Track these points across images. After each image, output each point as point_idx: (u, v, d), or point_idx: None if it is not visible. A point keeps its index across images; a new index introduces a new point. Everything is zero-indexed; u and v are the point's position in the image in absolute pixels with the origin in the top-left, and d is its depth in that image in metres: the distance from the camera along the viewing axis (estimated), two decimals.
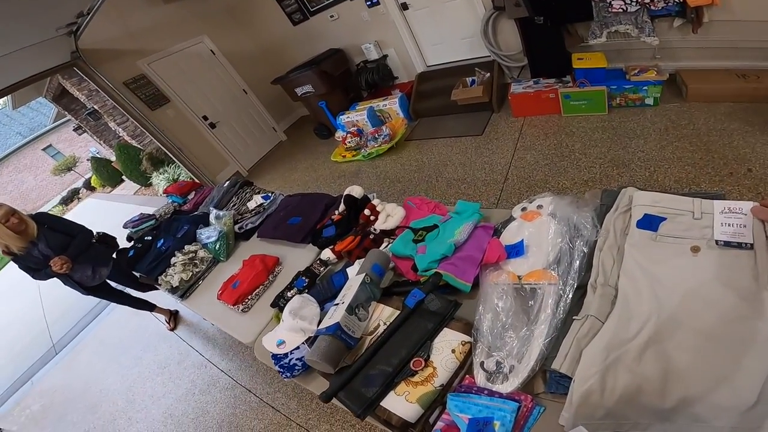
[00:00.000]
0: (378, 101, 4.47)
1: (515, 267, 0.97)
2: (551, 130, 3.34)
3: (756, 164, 2.33)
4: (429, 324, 0.92)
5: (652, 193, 0.86)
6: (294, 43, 5.38)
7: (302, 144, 5.29)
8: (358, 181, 3.67)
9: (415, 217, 1.38)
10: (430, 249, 1.14)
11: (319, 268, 1.39)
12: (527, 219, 1.07)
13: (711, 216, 0.79)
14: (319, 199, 1.82)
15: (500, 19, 3.90)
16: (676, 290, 0.75)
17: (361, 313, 1.00)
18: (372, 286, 1.07)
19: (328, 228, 1.54)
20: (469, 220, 1.16)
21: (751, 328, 0.68)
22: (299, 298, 1.17)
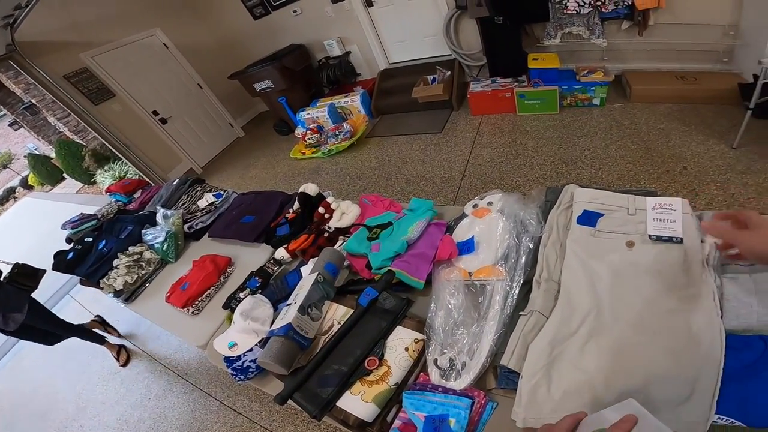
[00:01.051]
0: (339, 98, 4.43)
1: (466, 263, 0.99)
2: (507, 129, 3.44)
3: (691, 162, 2.52)
4: (383, 322, 0.92)
5: (591, 190, 0.89)
6: (254, 37, 5.24)
7: (261, 140, 5.14)
8: (317, 178, 3.62)
9: (370, 214, 1.37)
10: (383, 247, 1.13)
11: (273, 267, 1.36)
12: (478, 216, 1.08)
13: (644, 212, 0.84)
14: (273, 197, 1.77)
15: (462, 18, 3.98)
16: (614, 284, 0.78)
17: (314, 313, 0.99)
18: (325, 285, 1.06)
19: (282, 227, 1.51)
20: (422, 218, 1.16)
21: (683, 321, 0.71)
22: (251, 299, 1.14)
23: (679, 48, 3.32)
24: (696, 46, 3.25)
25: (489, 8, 3.40)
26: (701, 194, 2.27)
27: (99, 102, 4.31)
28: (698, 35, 3.18)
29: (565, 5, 3.12)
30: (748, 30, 2.99)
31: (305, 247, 1.34)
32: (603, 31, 3.28)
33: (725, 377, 0.66)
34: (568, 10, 3.13)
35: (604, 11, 3.13)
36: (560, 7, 3.17)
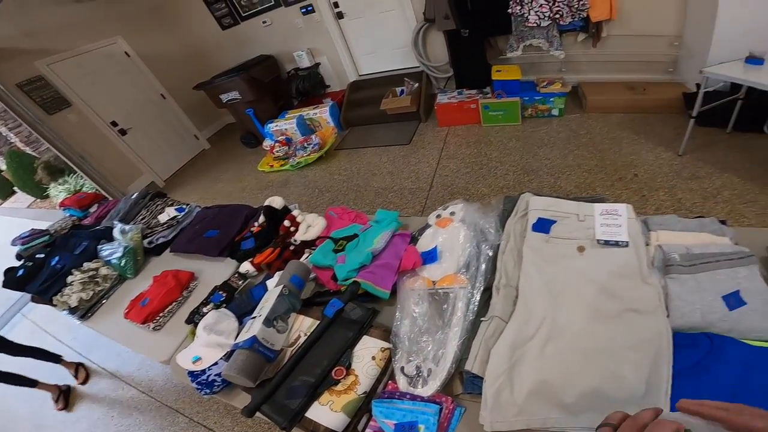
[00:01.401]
0: (308, 110, 4.43)
1: (430, 272, 1.00)
2: (472, 140, 3.55)
3: (641, 169, 2.68)
4: (349, 332, 0.92)
5: (544, 198, 0.94)
6: (222, 47, 5.19)
7: (228, 153, 5.04)
8: (286, 191, 3.58)
9: (336, 227, 1.37)
10: (349, 258, 1.14)
11: (238, 281, 1.34)
12: (441, 226, 1.11)
13: (593, 218, 0.88)
14: (238, 211, 1.74)
15: (430, 31, 4.11)
16: (567, 288, 0.82)
17: (280, 325, 0.98)
18: (291, 297, 1.05)
19: (247, 240, 1.49)
20: (387, 229, 1.18)
21: (632, 321, 0.75)
22: (215, 313, 1.12)
23: (629, 59, 3.55)
24: (644, 57, 3.49)
25: (456, 21, 3.54)
26: (651, 200, 2.41)
27: (54, 112, 4.10)
28: (646, 46, 3.42)
29: (526, 18, 3.28)
30: (690, 41, 3.24)
31: (271, 260, 1.33)
32: (561, 43, 3.47)
33: (675, 375, 0.69)
34: (529, 23, 3.30)
35: (562, 24, 3.32)
36: (522, 20, 3.34)
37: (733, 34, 2.77)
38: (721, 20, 2.78)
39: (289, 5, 4.52)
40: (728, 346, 0.71)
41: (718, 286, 0.80)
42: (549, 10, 3.19)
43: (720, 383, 0.68)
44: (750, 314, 0.76)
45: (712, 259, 0.84)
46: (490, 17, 3.46)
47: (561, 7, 3.17)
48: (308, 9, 4.46)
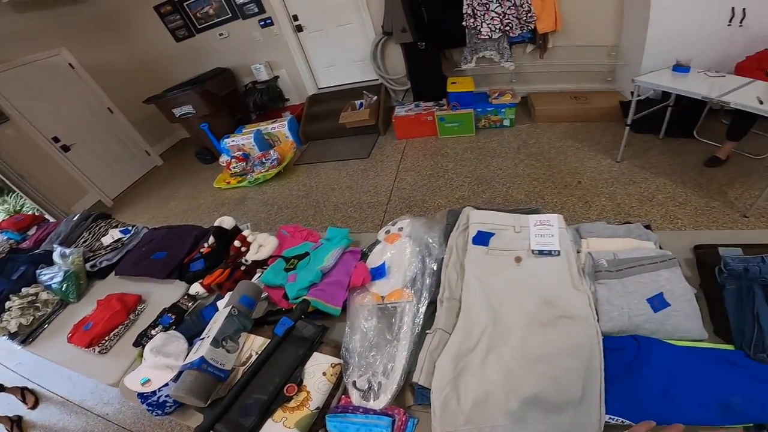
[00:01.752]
0: (266, 124, 4.36)
1: (379, 288, 1.02)
2: (429, 152, 3.63)
3: (584, 177, 2.85)
4: (300, 350, 0.94)
5: (483, 212, 0.98)
6: (175, 60, 5.03)
7: (182, 169, 4.85)
8: (243, 208, 3.49)
9: (288, 245, 1.38)
10: (299, 277, 1.15)
11: (188, 303, 1.31)
12: (389, 242, 1.13)
13: (528, 229, 0.93)
14: (187, 232, 1.70)
15: (388, 44, 4.19)
16: (506, 298, 0.85)
17: (230, 345, 0.98)
18: (240, 317, 1.05)
19: (197, 262, 1.47)
20: (338, 246, 1.20)
21: (566, 327, 0.79)
22: (163, 336, 1.11)
23: (572, 69, 3.80)
24: (586, 66, 3.74)
25: (413, 34, 3.64)
26: (593, 205, 2.57)
27: None
28: (587, 56, 3.68)
29: (479, 31, 3.45)
30: (626, 51, 3.51)
31: (221, 281, 1.32)
32: (511, 54, 3.67)
33: (608, 378, 0.73)
34: (481, 35, 3.46)
35: (512, 36, 3.52)
36: (475, 32, 3.50)
37: (663, 43, 3.02)
38: (652, 30, 3.02)
39: (247, 18, 4.47)
40: (654, 347, 0.76)
41: (643, 289, 0.86)
42: (500, 22, 3.37)
43: (650, 385, 0.72)
44: (674, 315, 0.81)
45: (636, 263, 0.90)
46: (446, 30, 3.60)
47: (511, 20, 3.36)
48: (267, 22, 4.43)
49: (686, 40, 2.93)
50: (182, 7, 4.59)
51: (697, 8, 2.85)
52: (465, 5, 3.39)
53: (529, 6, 3.31)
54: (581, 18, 3.52)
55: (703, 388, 0.71)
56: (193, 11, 4.60)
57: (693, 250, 1.03)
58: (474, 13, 3.40)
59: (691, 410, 0.68)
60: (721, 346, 0.80)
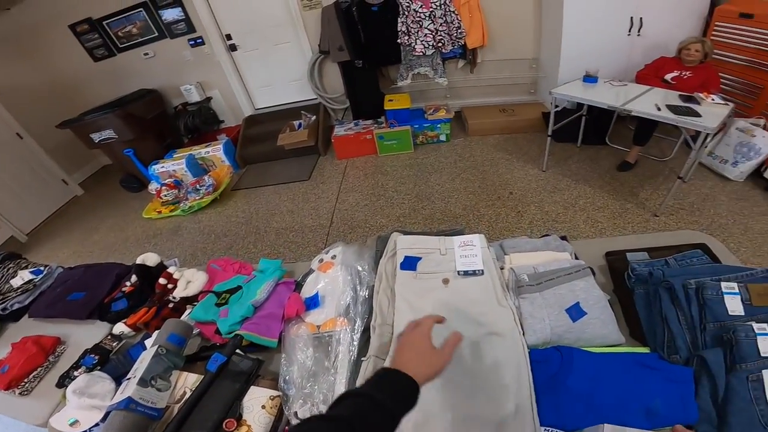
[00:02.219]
0: (200, 148, 4.13)
1: (313, 318, 1.02)
2: (370, 171, 3.65)
3: (515, 188, 3.00)
4: (236, 384, 0.92)
5: (409, 237, 0.98)
6: (94, 81, 4.64)
7: (106, 199, 4.44)
8: (178, 239, 3.26)
9: (219, 279, 1.34)
10: (231, 311, 1.13)
11: (112, 343, 1.26)
12: (323, 270, 1.13)
13: (453, 251, 0.95)
14: (107, 270, 1.60)
15: (326, 62, 4.19)
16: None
17: (160, 384, 0.96)
18: (169, 356, 1.02)
19: (119, 301, 1.40)
20: (270, 279, 1.19)
21: (493, 344, 0.81)
22: (86, 377, 1.07)
23: (500, 83, 4.05)
24: (512, 80, 4.01)
25: (350, 52, 3.69)
26: (525, 215, 2.71)
27: None
28: (513, 70, 3.95)
29: (413, 47, 3.56)
30: (545, 63, 3.80)
31: (147, 320, 1.26)
32: (444, 70, 3.83)
33: (538, 391, 0.75)
34: (416, 52, 3.58)
35: (444, 52, 3.68)
36: (410, 49, 3.61)
37: (575, 55, 3.30)
38: (565, 42, 3.28)
39: (176, 37, 4.26)
40: (575, 357, 0.79)
41: (561, 300, 0.90)
42: (433, 39, 3.51)
43: (575, 394, 0.75)
44: (591, 323, 0.86)
45: (554, 275, 0.94)
46: (382, 48, 3.68)
47: (443, 36, 3.52)
48: (198, 41, 4.26)
49: (594, 51, 3.24)
50: (101, 26, 4.28)
51: (601, 19, 3.15)
52: (399, 23, 3.51)
53: (458, 23, 3.50)
54: (506, 33, 3.77)
55: (625, 393, 0.74)
56: (113, 30, 4.30)
57: (605, 256, 1.10)
58: (408, 31, 3.52)
59: (618, 415, 0.71)
60: (637, 349, 0.84)
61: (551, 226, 2.55)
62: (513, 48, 3.85)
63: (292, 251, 2.77)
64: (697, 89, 2.49)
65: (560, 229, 2.51)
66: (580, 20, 3.17)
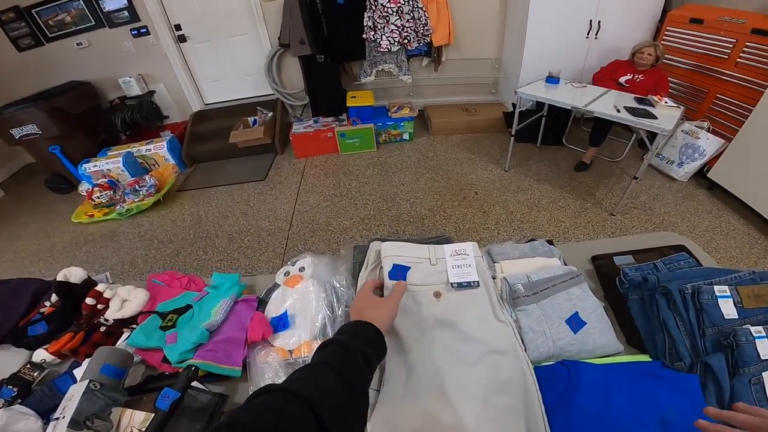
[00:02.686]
0: (140, 145, 3.77)
1: (283, 341, 0.87)
2: (331, 170, 3.50)
3: (479, 187, 2.99)
4: (197, 424, 0.77)
5: (395, 244, 0.87)
6: (17, 72, 4.15)
7: (29, 201, 3.92)
8: (113, 245, 2.90)
9: (163, 297, 1.12)
10: (181, 336, 0.94)
11: (32, 373, 1.05)
12: (290, 285, 0.98)
13: (444, 260, 0.84)
14: (22, 287, 1.34)
15: (285, 56, 4.00)
16: (429, 338, 0.76)
17: (98, 424, 0.78)
18: (104, 391, 0.84)
19: (36, 325, 1.16)
20: (227, 296, 1.00)
21: (495, 363, 0.72)
22: (4, 413, 0.86)
23: (463, 82, 4.06)
24: (474, 79, 4.04)
25: (312, 46, 3.51)
26: (491, 215, 2.70)
27: None
28: (475, 69, 3.97)
29: (378, 43, 3.46)
30: (507, 63, 3.85)
31: (74, 346, 1.04)
32: (409, 68, 3.76)
33: (548, 411, 0.69)
34: (381, 48, 3.48)
35: (409, 49, 3.62)
36: (375, 45, 3.50)
37: (536, 56, 3.36)
38: (528, 43, 3.33)
39: (116, 26, 3.88)
40: (583, 371, 0.74)
41: (560, 310, 0.83)
42: (399, 35, 3.44)
43: (586, 410, 0.69)
44: (591, 333, 0.81)
45: (549, 284, 0.87)
46: (346, 43, 3.55)
47: (409, 33, 3.45)
48: (141, 31, 3.90)
49: (554, 53, 3.32)
50: (29, 15, 3.82)
51: (563, 21, 3.23)
52: (366, 17, 3.40)
53: (426, 19, 3.44)
54: (471, 32, 3.79)
55: (636, 406, 0.70)
56: (43, 18, 3.85)
57: (591, 261, 1.06)
58: (374, 26, 3.42)
59: (632, 428, 0.67)
60: (638, 358, 0.81)
61: (517, 226, 2.55)
62: (477, 47, 3.88)
63: (248, 257, 2.55)
64: (649, 92, 2.61)
65: (525, 228, 2.51)
66: (544, 22, 3.23)
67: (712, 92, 2.82)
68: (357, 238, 2.59)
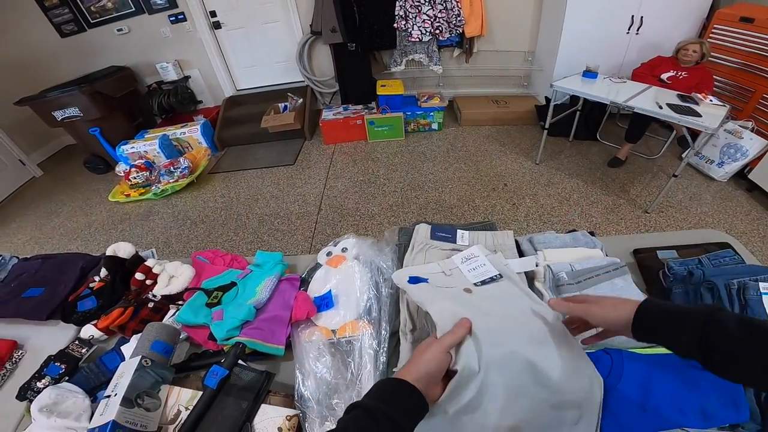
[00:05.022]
0: (175, 128, 3.87)
1: (327, 321, 0.88)
2: (359, 157, 3.52)
3: (509, 179, 2.96)
4: (243, 402, 0.77)
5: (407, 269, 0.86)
6: (60, 57, 4.30)
7: (67, 181, 4.11)
8: (149, 224, 3.02)
9: (208, 274, 1.14)
10: (227, 314, 0.95)
11: (80, 349, 1.05)
12: (333, 265, 0.99)
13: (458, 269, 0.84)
14: (69, 261, 1.36)
15: (316, 44, 4.02)
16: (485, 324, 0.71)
17: (149, 402, 0.79)
18: (155, 368, 0.85)
19: (86, 300, 1.17)
20: (271, 274, 1.02)
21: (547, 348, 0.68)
22: (53, 391, 0.86)
23: (494, 74, 3.99)
24: (506, 71, 3.98)
25: (343, 34, 3.52)
26: (520, 207, 2.67)
27: None
28: (507, 61, 3.91)
29: (410, 33, 3.44)
30: (541, 57, 3.77)
31: (122, 322, 1.06)
32: (440, 58, 3.72)
33: None
34: (412, 38, 3.46)
35: (441, 39, 3.58)
36: (406, 34, 3.49)
37: (572, 50, 3.29)
38: (565, 37, 3.26)
39: (155, 12, 3.97)
40: (626, 361, 0.73)
41: None
42: (431, 25, 3.40)
43: (628, 399, 0.69)
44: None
45: (592, 273, 0.87)
46: (377, 32, 3.54)
47: (441, 23, 3.41)
48: (179, 17, 3.98)
49: (592, 47, 3.24)
50: (73, 1, 3.95)
51: (603, 16, 3.14)
52: (398, 6, 3.37)
53: (458, 10, 3.40)
54: (504, 24, 3.72)
55: (678, 394, 0.69)
56: (86, 5, 3.97)
57: (633, 254, 1.05)
58: (406, 15, 3.39)
59: (673, 418, 0.67)
60: None
61: (546, 219, 2.52)
62: (510, 39, 3.80)
63: (278, 239, 2.61)
64: (692, 89, 2.51)
65: (555, 222, 2.48)
66: (583, 15, 3.15)
67: (759, 92, 2.71)
68: (385, 224, 2.61)
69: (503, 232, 0.94)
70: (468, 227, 0.92)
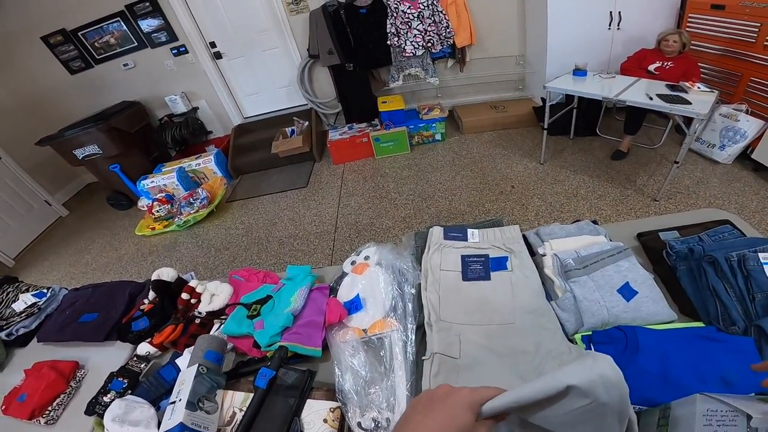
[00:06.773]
0: (189, 160, 4.04)
1: (358, 322, 0.98)
2: (368, 174, 3.63)
3: (516, 181, 3.03)
4: (290, 399, 0.86)
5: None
6: (71, 94, 4.48)
7: (93, 218, 4.29)
8: (176, 255, 3.17)
9: (244, 291, 1.27)
10: (268, 323, 1.06)
11: (139, 365, 1.17)
12: (358, 272, 1.09)
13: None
14: (118, 288, 1.51)
15: (315, 66, 4.17)
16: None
17: (208, 406, 0.89)
18: (210, 374, 0.95)
19: (139, 321, 1.30)
20: (303, 285, 1.13)
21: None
22: (122, 403, 0.97)
23: (489, 80, 4.10)
24: (500, 77, 4.07)
25: (340, 56, 3.68)
26: (530, 207, 2.74)
27: None
28: (500, 67, 4.01)
29: (403, 48, 3.58)
30: (532, 59, 3.87)
31: (175, 337, 1.18)
32: (435, 70, 3.86)
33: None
34: (406, 53, 3.60)
35: (434, 52, 3.72)
36: (400, 50, 3.62)
37: (561, 50, 3.38)
38: (551, 38, 3.37)
39: (157, 47, 4.17)
40: (640, 335, 0.78)
41: (611, 281, 0.90)
42: (422, 39, 3.54)
43: (647, 370, 0.73)
44: (644, 301, 0.86)
45: (597, 258, 0.94)
46: (372, 50, 3.68)
47: (432, 36, 3.55)
48: (181, 50, 4.18)
49: (578, 46, 3.33)
50: (76, 37, 4.14)
51: (582, 15, 3.26)
52: (388, 24, 3.52)
53: (447, 22, 3.53)
54: (492, 31, 3.85)
55: (697, 365, 0.73)
56: (89, 41, 4.17)
57: (636, 237, 1.11)
58: (397, 32, 3.54)
59: (698, 387, 0.66)
60: (692, 324, 0.84)
61: (557, 216, 2.58)
62: (500, 45, 3.92)
63: (299, 259, 2.72)
64: (680, 78, 2.58)
65: (566, 218, 2.54)
66: (564, 16, 3.26)
67: (746, 75, 2.77)
68: (400, 236, 2.69)
69: (510, 227, 1.03)
70: (477, 225, 1.01)
